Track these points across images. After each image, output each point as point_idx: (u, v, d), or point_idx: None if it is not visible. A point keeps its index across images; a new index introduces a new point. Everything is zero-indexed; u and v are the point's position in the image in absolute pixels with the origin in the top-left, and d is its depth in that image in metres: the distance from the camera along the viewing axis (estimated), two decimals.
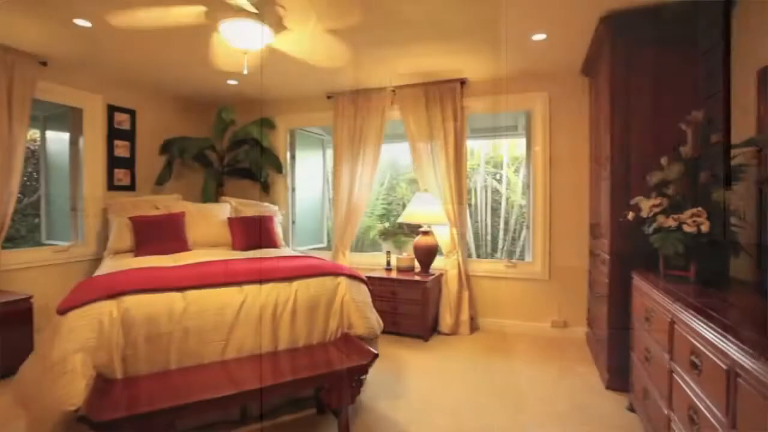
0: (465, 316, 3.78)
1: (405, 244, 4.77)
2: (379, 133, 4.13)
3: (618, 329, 2.53)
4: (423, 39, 2.96)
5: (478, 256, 5.28)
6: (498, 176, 5.47)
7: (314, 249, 4.82)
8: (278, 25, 2.59)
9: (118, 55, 3.30)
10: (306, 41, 2.79)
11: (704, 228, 1.87)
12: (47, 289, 3.42)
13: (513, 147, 5.40)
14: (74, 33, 2.87)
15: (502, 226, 5.38)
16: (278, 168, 4.66)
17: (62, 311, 1.92)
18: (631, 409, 2.32)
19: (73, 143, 3.82)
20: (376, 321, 2.56)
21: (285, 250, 3.69)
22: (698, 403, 1.35)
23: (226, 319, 2.15)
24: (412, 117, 3.97)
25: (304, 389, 2.25)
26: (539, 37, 2.88)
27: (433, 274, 3.76)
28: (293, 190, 4.83)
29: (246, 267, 2.54)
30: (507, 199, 5.39)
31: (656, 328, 1.83)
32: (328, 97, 4.37)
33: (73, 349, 1.78)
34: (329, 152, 5.20)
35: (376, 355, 2.08)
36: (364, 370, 2.02)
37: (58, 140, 3.95)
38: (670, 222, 1.99)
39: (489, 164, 5.50)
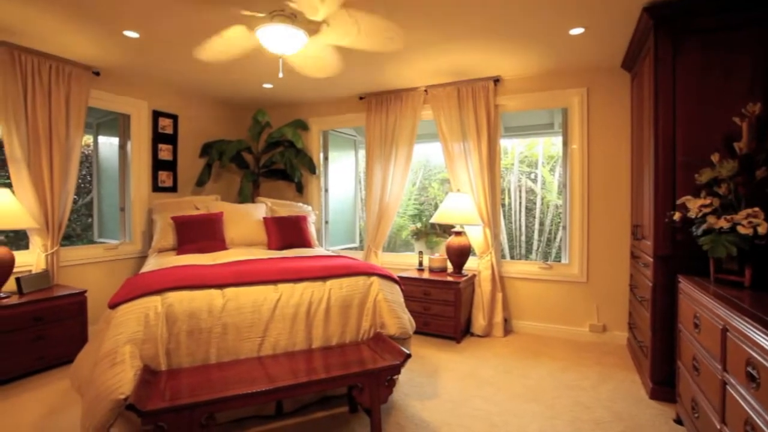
0: (498, 318, 3.72)
1: (437, 245, 4.75)
2: (411, 134, 4.13)
3: (663, 336, 2.42)
4: (456, 37, 2.93)
5: (512, 258, 5.19)
6: (533, 175, 5.34)
7: (347, 249, 4.88)
8: (310, 23, 2.63)
9: (162, 63, 3.47)
10: (348, 31, 2.80)
11: (761, 230, 1.75)
12: (99, 284, 3.65)
13: (548, 145, 5.26)
14: (123, 44, 3.04)
15: (536, 226, 5.25)
16: (312, 169, 4.75)
17: (113, 305, 2.05)
18: (678, 421, 2.20)
19: (122, 147, 4.05)
20: (408, 321, 2.56)
21: (318, 250, 3.75)
22: (756, 419, 1.25)
23: (262, 317, 2.22)
24: (444, 116, 3.94)
25: (337, 387, 2.27)
26: (577, 31, 2.79)
27: (465, 275, 3.72)
28: (326, 190, 4.91)
29: (281, 266, 2.60)
30: (542, 198, 5.25)
31: (706, 336, 1.73)
32: (361, 99, 4.41)
33: (123, 341, 1.89)
34: (361, 153, 5.25)
35: (408, 356, 2.08)
36: (396, 370, 2.03)
37: (108, 145, 4.20)
38: (722, 223, 1.88)
39: (523, 163, 5.38)
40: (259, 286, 2.31)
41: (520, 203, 5.33)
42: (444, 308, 3.55)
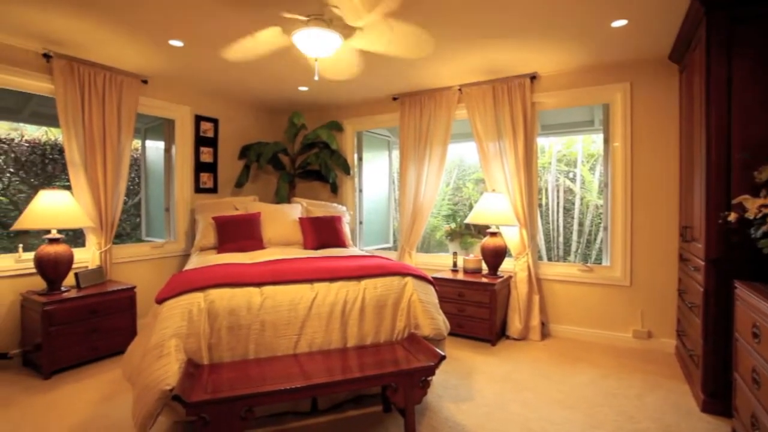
0: (535, 321, 3.62)
1: (472, 246, 4.68)
2: (445, 133, 4.09)
3: (716, 345, 2.27)
4: (492, 36, 2.88)
5: (549, 259, 5.03)
6: (571, 175, 5.16)
7: (380, 249, 4.90)
8: (346, 28, 2.68)
9: (204, 69, 3.62)
10: (382, 37, 2.83)
11: None
12: (146, 280, 3.85)
13: (588, 143, 5.07)
14: (169, 52, 3.20)
15: (575, 227, 5.07)
16: (346, 170, 4.80)
17: (159, 301, 2.15)
18: None
19: (167, 151, 4.26)
20: (443, 322, 2.54)
21: (353, 250, 3.79)
22: None
23: (298, 315, 2.27)
24: (479, 115, 3.88)
25: (372, 387, 2.29)
26: (620, 23, 2.67)
27: (501, 277, 3.64)
28: (360, 191, 4.95)
29: (317, 265, 2.65)
30: (581, 198, 5.06)
31: None
32: (394, 99, 4.42)
33: (169, 335, 1.98)
34: (395, 153, 5.26)
35: (443, 357, 2.07)
36: (431, 371, 2.01)
37: (155, 149, 4.42)
38: None
39: (561, 162, 5.21)
40: (295, 285, 2.36)
41: (558, 203, 5.17)
42: (479, 310, 3.50)
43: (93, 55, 3.24)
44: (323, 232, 3.96)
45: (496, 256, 3.66)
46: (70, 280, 3.17)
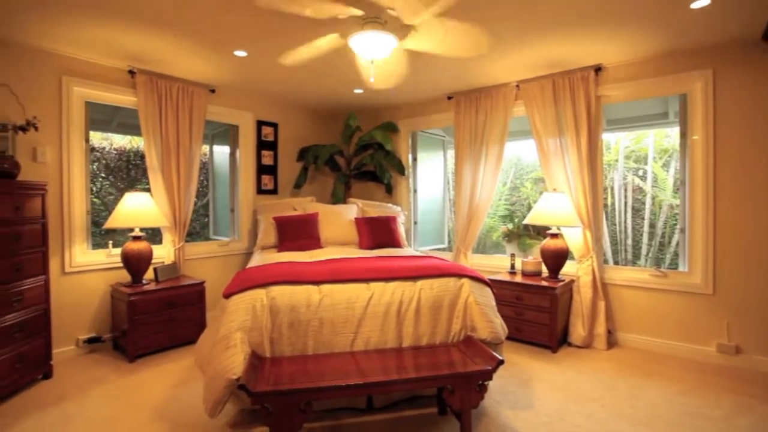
0: (601, 328, 3.40)
1: (530, 247, 4.51)
2: (502, 131, 3.98)
3: None
4: (551, 29, 2.76)
5: (616, 263, 4.71)
6: (641, 172, 4.79)
7: (435, 249, 4.87)
8: (401, 29, 2.69)
9: (265, 76, 3.81)
10: (434, 37, 2.82)
11: None
12: (214, 276, 4.13)
13: (660, 137, 4.68)
14: (234, 62, 3.40)
15: (646, 229, 4.71)
16: (401, 170, 4.82)
17: (227, 295, 2.30)
18: None
19: (232, 154, 4.54)
20: (500, 326, 2.47)
21: (408, 250, 3.79)
22: None
23: (355, 313, 2.31)
24: (538, 112, 3.73)
25: (427, 387, 2.28)
26: (701, 3, 2.42)
27: (562, 280, 3.47)
28: (415, 191, 4.95)
29: (373, 265, 2.68)
30: (653, 198, 4.68)
31: None
32: (449, 98, 4.37)
33: (235, 328, 2.11)
34: (450, 153, 5.20)
35: (501, 361, 2.01)
36: (488, 375, 1.97)
37: (221, 153, 4.73)
38: None
39: (629, 159, 4.86)
40: (352, 284, 2.41)
41: (626, 203, 4.82)
42: (538, 314, 3.36)
43: (169, 69, 3.54)
44: (378, 232, 4.00)
45: (557, 259, 3.49)
46: (149, 274, 3.48)
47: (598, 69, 3.45)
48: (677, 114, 3.49)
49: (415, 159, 4.95)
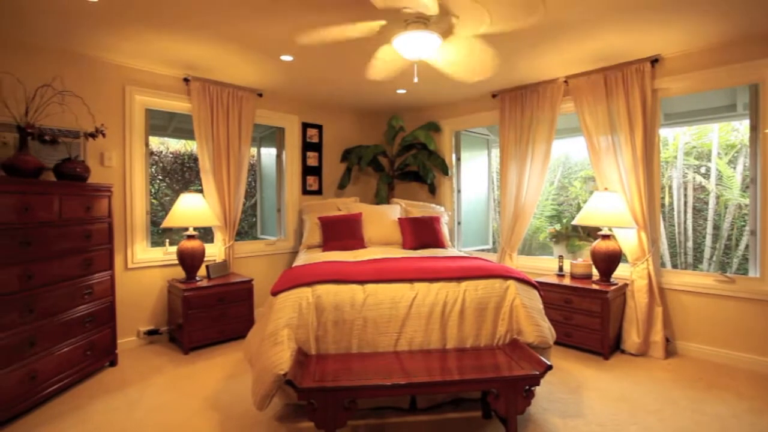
0: (658, 336, 3.20)
1: (580, 249, 4.33)
2: (549, 129, 3.84)
3: None
4: (604, 16, 2.62)
5: (675, 267, 4.42)
6: (703, 170, 4.46)
7: (479, 250, 4.78)
8: (448, 32, 2.66)
9: (310, 79, 3.90)
10: (480, 25, 2.75)
11: None
12: (261, 274, 4.28)
13: (726, 132, 4.33)
14: (280, 67, 3.51)
15: (709, 230, 4.37)
16: (444, 170, 4.78)
17: (274, 293, 2.37)
18: None
19: (278, 156, 4.69)
20: (548, 330, 2.39)
21: (452, 251, 3.75)
22: None
23: (399, 313, 2.32)
24: (588, 108, 3.56)
25: (472, 390, 2.24)
26: None
27: (615, 284, 3.30)
28: (459, 191, 4.89)
29: (417, 265, 2.67)
30: (717, 197, 4.34)
31: None
32: (493, 96, 4.28)
33: (282, 325, 2.18)
34: (495, 152, 5.09)
35: (549, 367, 1.94)
36: (535, 380, 1.90)
37: (268, 155, 4.89)
38: None
39: (690, 156, 4.53)
40: (396, 284, 2.41)
41: (686, 203, 4.50)
42: (589, 319, 3.21)
43: (220, 75, 3.71)
44: (422, 233, 3.99)
45: (608, 261, 3.33)
46: (202, 271, 3.67)
47: (654, 60, 3.25)
48: (746, 106, 3.22)
49: (458, 158, 4.88)
